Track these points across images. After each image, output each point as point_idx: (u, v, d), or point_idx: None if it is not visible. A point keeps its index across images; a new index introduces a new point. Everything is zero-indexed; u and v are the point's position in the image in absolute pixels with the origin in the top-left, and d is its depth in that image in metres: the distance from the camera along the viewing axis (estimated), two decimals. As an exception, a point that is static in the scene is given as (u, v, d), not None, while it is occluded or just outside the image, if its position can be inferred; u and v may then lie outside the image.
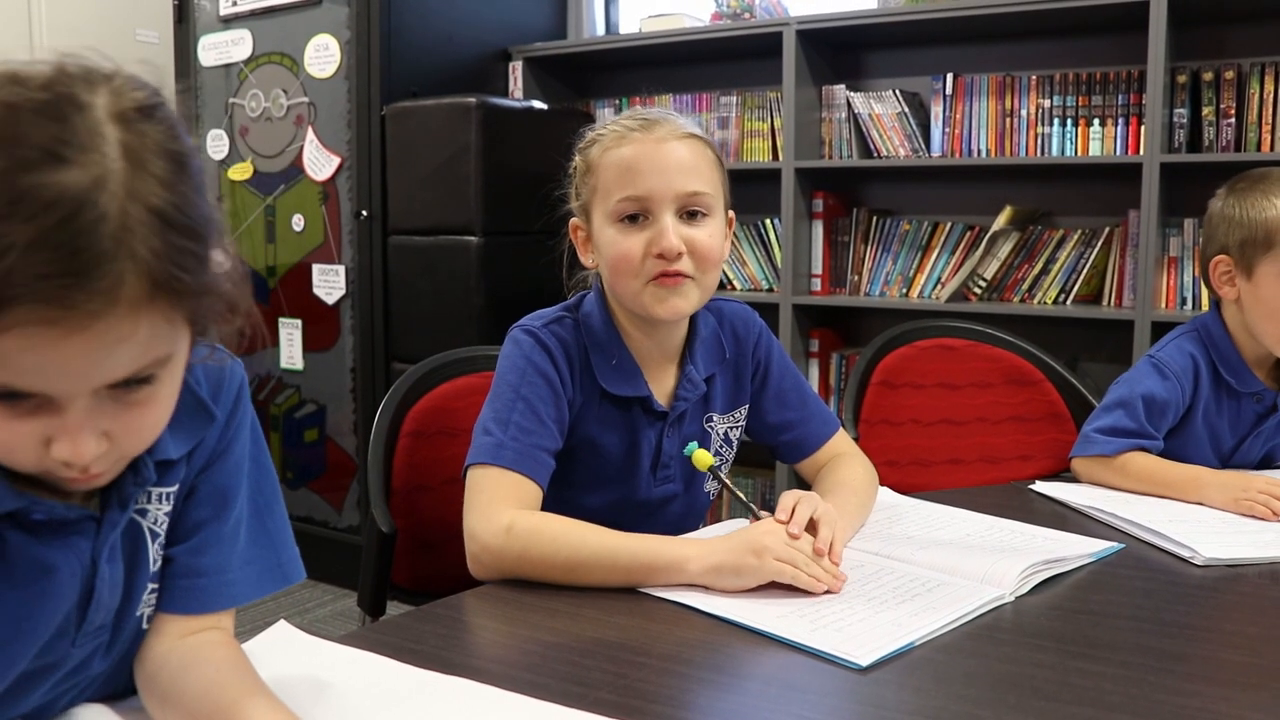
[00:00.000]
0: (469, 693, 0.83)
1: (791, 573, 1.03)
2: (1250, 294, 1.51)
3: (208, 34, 3.34)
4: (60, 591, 0.74)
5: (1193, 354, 1.56)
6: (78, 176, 0.58)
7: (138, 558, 0.79)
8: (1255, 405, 1.57)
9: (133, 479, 0.76)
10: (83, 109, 0.60)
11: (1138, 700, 0.83)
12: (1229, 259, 1.52)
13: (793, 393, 1.39)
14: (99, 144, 0.60)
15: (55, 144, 0.58)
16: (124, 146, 0.61)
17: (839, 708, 0.84)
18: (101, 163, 0.59)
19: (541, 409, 1.19)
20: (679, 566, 1.04)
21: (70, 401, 0.63)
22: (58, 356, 0.60)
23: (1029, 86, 2.82)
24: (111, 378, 0.64)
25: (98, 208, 0.59)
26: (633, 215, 1.20)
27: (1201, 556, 1.18)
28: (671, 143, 1.21)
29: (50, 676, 0.76)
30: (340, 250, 3.13)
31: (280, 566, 0.86)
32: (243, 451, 0.85)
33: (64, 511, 0.73)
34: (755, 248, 3.27)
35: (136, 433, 0.69)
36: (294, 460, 3.32)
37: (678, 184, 1.19)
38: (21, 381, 0.61)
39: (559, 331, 1.25)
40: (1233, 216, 1.52)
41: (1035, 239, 2.87)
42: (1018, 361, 1.89)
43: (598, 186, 1.23)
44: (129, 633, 0.80)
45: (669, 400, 1.29)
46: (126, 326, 0.61)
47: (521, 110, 3.06)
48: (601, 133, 1.25)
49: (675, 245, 1.18)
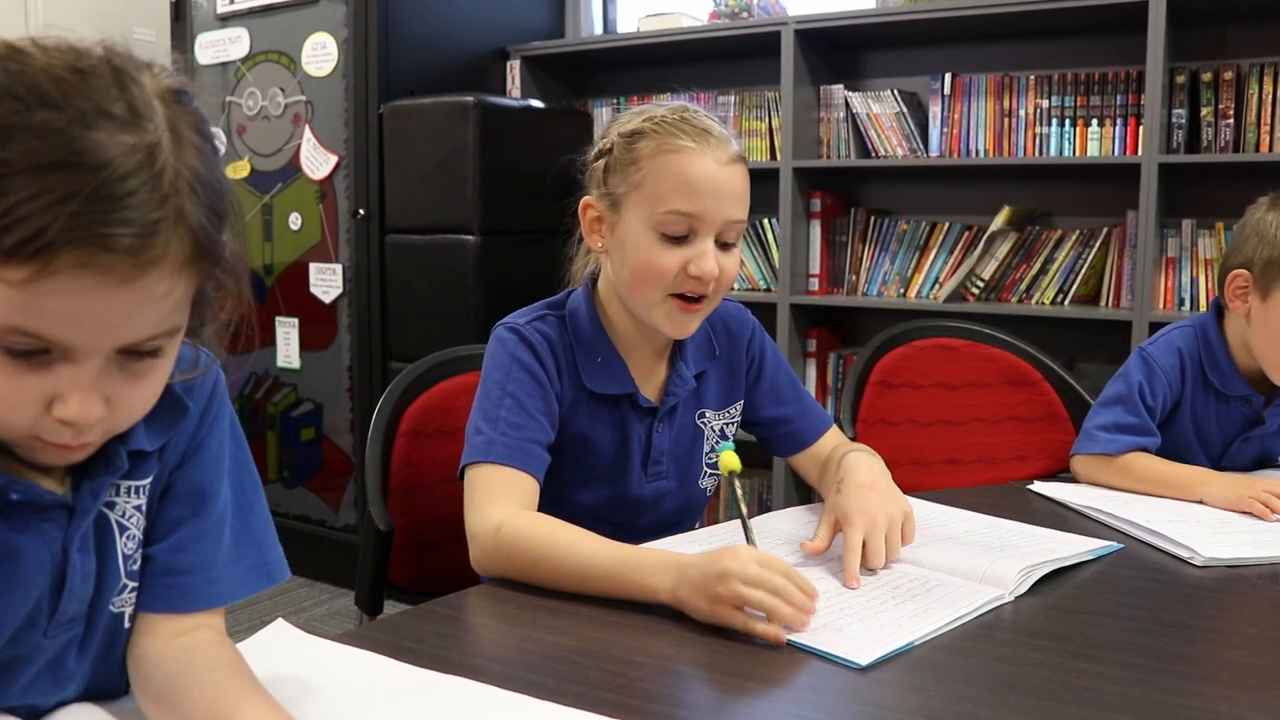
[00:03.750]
0: (468, 692, 0.82)
1: (742, 623, 0.94)
2: (1261, 315, 1.47)
3: (205, 32, 3.34)
4: (27, 579, 0.73)
5: (1181, 350, 1.56)
6: (137, 138, 0.63)
7: (106, 550, 0.78)
8: (1244, 409, 1.56)
9: (104, 467, 0.76)
10: (136, 82, 0.65)
11: (1137, 700, 0.82)
12: (1249, 275, 1.48)
13: (787, 388, 1.40)
14: (151, 114, 0.64)
15: (117, 107, 0.63)
16: (168, 120, 0.65)
17: (839, 708, 0.84)
18: (155, 131, 0.64)
19: (529, 403, 1.19)
20: (648, 596, 1.01)
21: (89, 358, 0.65)
22: (99, 305, 0.63)
23: (1027, 86, 2.82)
24: (135, 337, 0.67)
25: (154, 168, 0.63)
26: (676, 230, 1.18)
27: (1201, 557, 1.18)
28: (729, 167, 1.19)
29: (24, 670, 0.76)
30: (337, 249, 3.13)
31: (265, 565, 0.86)
32: (220, 448, 0.85)
33: (41, 494, 0.73)
34: (753, 247, 3.26)
35: (132, 405, 0.71)
36: (290, 459, 3.32)
37: (729, 211, 1.19)
38: (53, 329, 0.63)
39: (543, 328, 1.25)
40: (1265, 233, 1.47)
41: (1033, 239, 2.87)
42: (1015, 362, 1.88)
43: (643, 185, 1.19)
44: (104, 629, 0.80)
45: (658, 395, 1.29)
46: (165, 285, 0.65)
47: (519, 109, 3.06)
48: (651, 128, 1.20)
49: (714, 271, 1.18)
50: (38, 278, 0.60)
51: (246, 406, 3.38)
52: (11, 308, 0.61)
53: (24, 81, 0.61)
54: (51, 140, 0.60)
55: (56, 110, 0.60)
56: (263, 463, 3.36)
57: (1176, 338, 1.58)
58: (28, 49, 0.63)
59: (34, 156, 0.59)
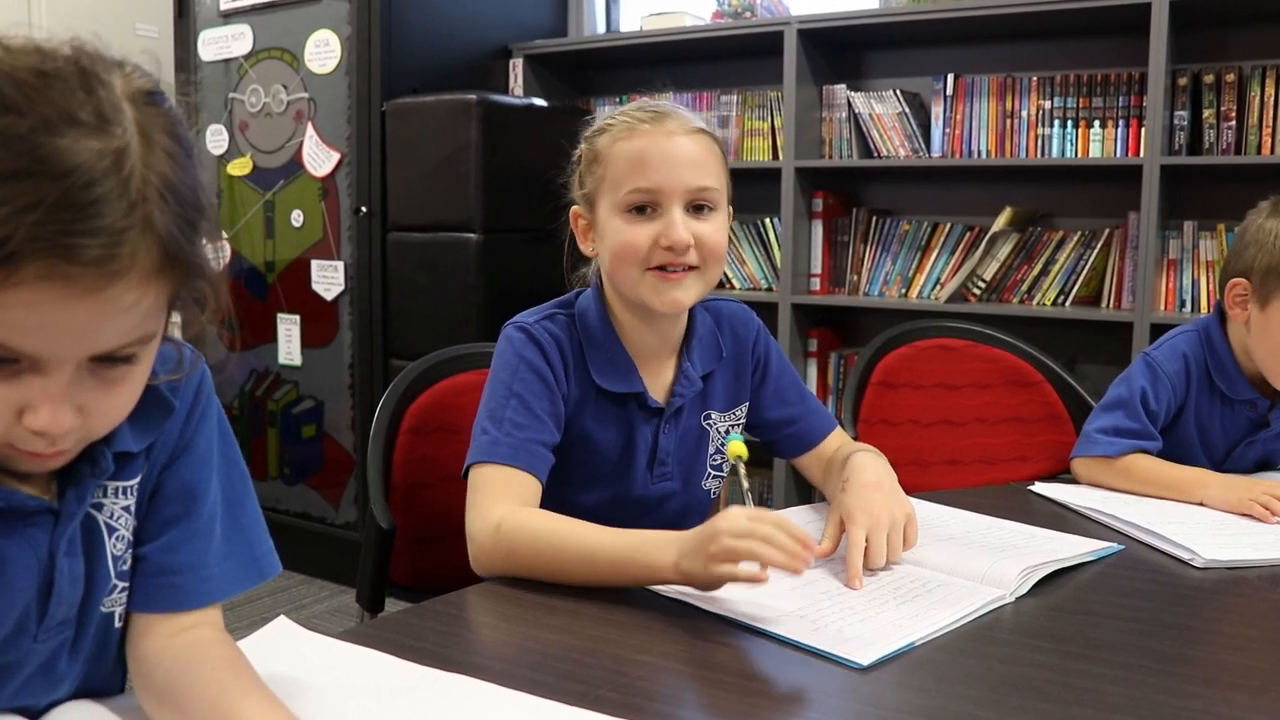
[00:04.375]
0: (469, 689, 0.83)
1: (733, 574, 0.96)
2: (1260, 323, 1.47)
3: (208, 28, 3.34)
4: (13, 585, 0.73)
5: (1186, 354, 1.56)
6: (103, 144, 0.61)
7: (94, 552, 0.78)
8: (1249, 413, 1.56)
9: (90, 470, 0.75)
10: (104, 84, 0.63)
11: (1138, 702, 0.82)
12: (1248, 284, 1.48)
13: (792, 389, 1.40)
14: (119, 118, 0.62)
15: (83, 111, 0.61)
16: (138, 124, 0.63)
17: (839, 708, 0.84)
18: (123, 135, 0.62)
19: (535, 404, 1.19)
20: (656, 575, 1.03)
21: (58, 368, 0.64)
22: (64, 317, 0.61)
23: (1030, 88, 2.82)
24: (104, 347, 0.65)
25: (121, 174, 0.61)
26: (640, 207, 1.20)
27: (1201, 558, 1.18)
28: (682, 137, 1.21)
29: (15, 674, 0.75)
30: (339, 246, 3.13)
31: (256, 561, 0.86)
32: (209, 446, 0.85)
33: (25, 500, 0.72)
34: (755, 247, 3.27)
35: (106, 412, 0.70)
36: (291, 456, 3.32)
37: (688, 178, 1.20)
38: (18, 340, 0.62)
39: (551, 327, 1.25)
40: (1264, 242, 1.46)
41: (1035, 240, 2.87)
42: (1016, 363, 1.89)
43: (605, 176, 1.22)
44: (94, 631, 0.79)
45: (665, 397, 1.29)
46: (133, 295, 0.63)
47: (522, 107, 3.06)
48: (610, 123, 1.25)
49: (685, 238, 1.18)
50: (0, 289, 0.59)
51: (247, 403, 3.38)
52: None
53: None
54: (14, 147, 0.58)
55: (19, 115, 0.59)
56: (263, 459, 3.36)
57: (1181, 343, 1.57)
58: None
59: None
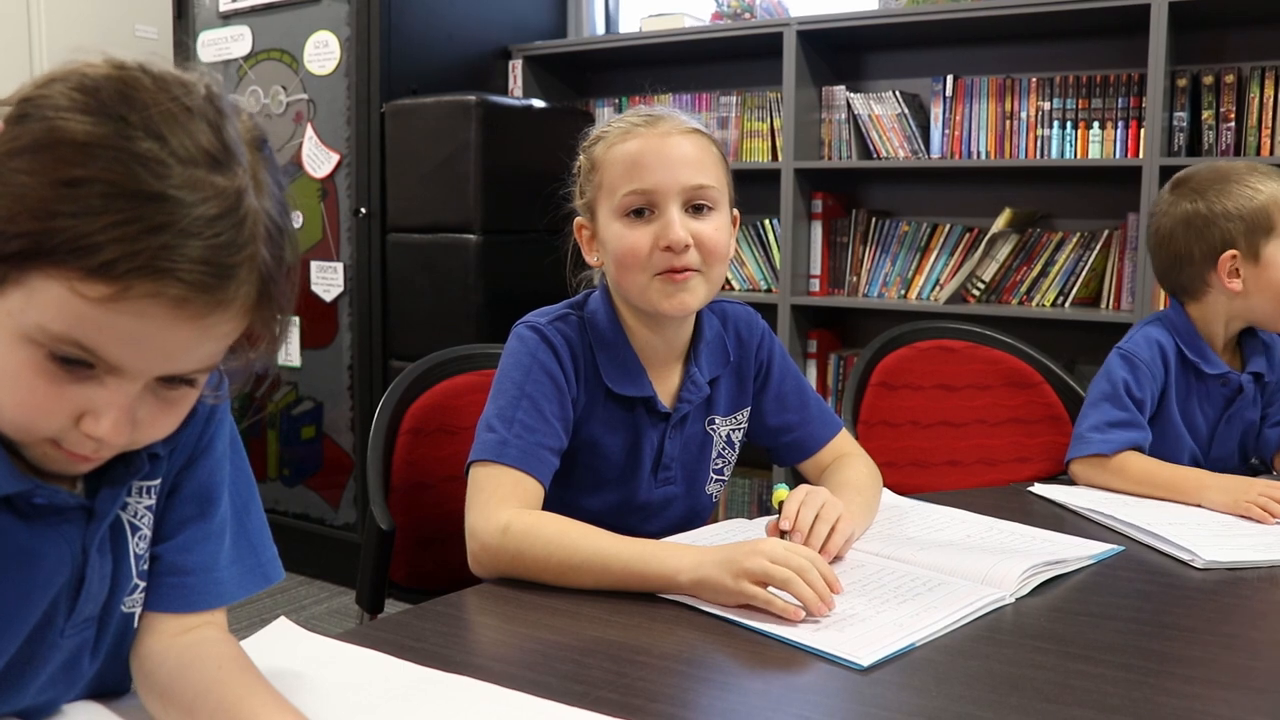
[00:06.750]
0: (469, 690, 0.83)
1: (764, 598, 0.98)
2: (1256, 279, 1.53)
3: (207, 30, 3.34)
4: (46, 579, 0.74)
5: (1159, 341, 1.60)
6: (228, 181, 0.65)
7: (120, 551, 0.79)
8: (1222, 388, 1.60)
9: (124, 470, 0.76)
10: (231, 125, 0.67)
11: (1138, 702, 0.83)
12: (1236, 252, 1.53)
13: (793, 395, 1.39)
14: (242, 159, 0.67)
15: (215, 149, 0.65)
16: (252, 167, 0.68)
17: (839, 708, 0.84)
18: (242, 176, 0.66)
19: (546, 407, 1.19)
20: (670, 579, 1.03)
21: (133, 381, 0.67)
22: (165, 336, 0.64)
23: (1029, 89, 2.82)
24: (183, 369, 0.68)
25: (239, 212, 0.65)
26: (639, 210, 1.20)
27: (1201, 559, 1.18)
28: (676, 137, 1.21)
29: (41, 670, 0.76)
30: (338, 247, 3.13)
31: (261, 566, 0.87)
32: (224, 449, 0.86)
33: (65, 497, 0.74)
34: (754, 248, 3.27)
35: (156, 428, 0.72)
36: (290, 457, 3.31)
37: (684, 178, 1.19)
38: (111, 348, 0.64)
39: (564, 329, 1.24)
40: (1223, 211, 1.53)
41: (1034, 241, 2.87)
42: (1016, 364, 1.89)
43: (603, 183, 1.23)
44: (115, 630, 0.80)
45: (672, 401, 1.29)
46: (229, 325, 0.67)
47: (521, 109, 3.06)
48: (605, 130, 1.25)
49: (683, 237, 1.18)
50: (116, 299, 0.61)
51: (247, 404, 3.38)
52: (76, 321, 0.62)
53: (134, 108, 0.62)
54: (154, 171, 0.61)
55: (162, 143, 0.62)
56: (263, 460, 3.35)
57: (1151, 332, 1.62)
58: (137, 76, 0.64)
59: (135, 183, 0.61)
